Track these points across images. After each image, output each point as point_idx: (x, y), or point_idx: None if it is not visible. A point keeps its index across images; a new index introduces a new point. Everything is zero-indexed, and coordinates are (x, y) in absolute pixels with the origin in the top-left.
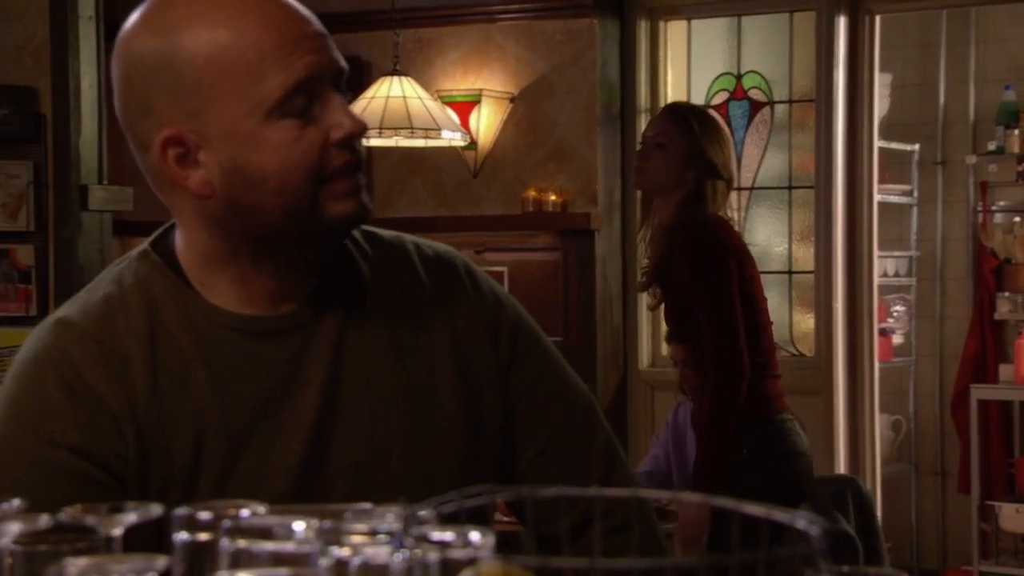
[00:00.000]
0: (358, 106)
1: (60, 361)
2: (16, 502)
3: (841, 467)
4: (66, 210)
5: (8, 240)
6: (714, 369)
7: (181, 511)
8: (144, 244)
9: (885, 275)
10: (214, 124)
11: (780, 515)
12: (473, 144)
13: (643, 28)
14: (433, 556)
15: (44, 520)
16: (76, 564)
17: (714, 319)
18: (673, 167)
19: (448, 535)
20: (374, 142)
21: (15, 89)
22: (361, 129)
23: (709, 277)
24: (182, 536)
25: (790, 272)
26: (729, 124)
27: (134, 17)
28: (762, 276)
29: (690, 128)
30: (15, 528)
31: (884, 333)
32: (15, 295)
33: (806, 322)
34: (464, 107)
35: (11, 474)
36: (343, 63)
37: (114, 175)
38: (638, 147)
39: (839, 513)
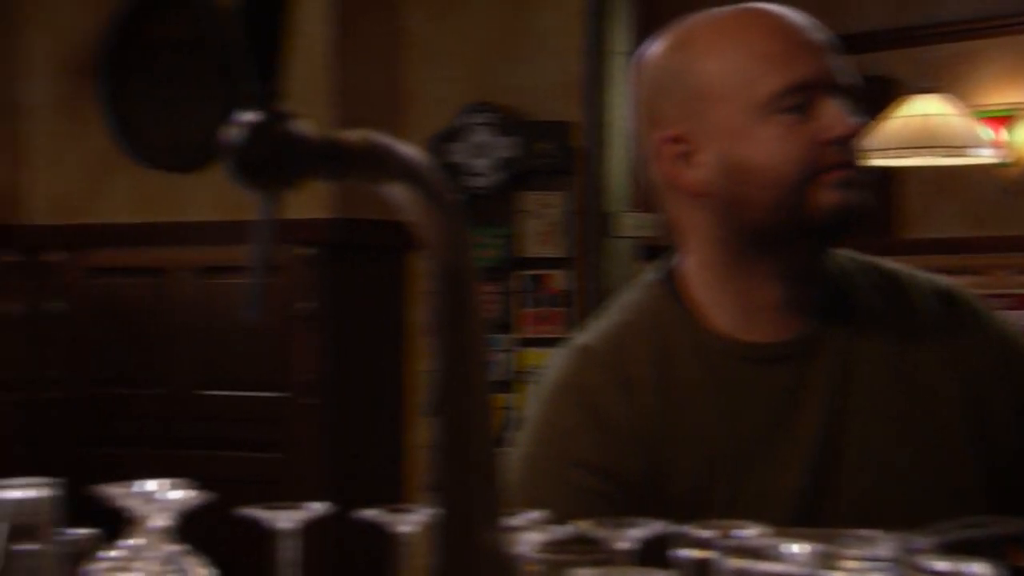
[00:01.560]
0: (884, 125)
1: (579, 386)
2: (536, 514)
3: None
4: (595, 237)
5: (543, 266)
6: None
7: (683, 529)
8: (652, 273)
9: None
10: (712, 122)
11: None
12: (1010, 161)
13: None
14: None
15: (561, 532)
16: (583, 574)
17: None
18: None
19: (946, 565)
20: (901, 161)
21: (552, 124)
22: (854, 131)
23: None
24: (684, 553)
25: None
26: None
27: (655, 41)
28: None
29: None
30: (537, 538)
31: None
32: (551, 318)
33: None
34: (1000, 123)
35: (537, 490)
36: (846, 75)
37: (642, 203)
38: None
39: None
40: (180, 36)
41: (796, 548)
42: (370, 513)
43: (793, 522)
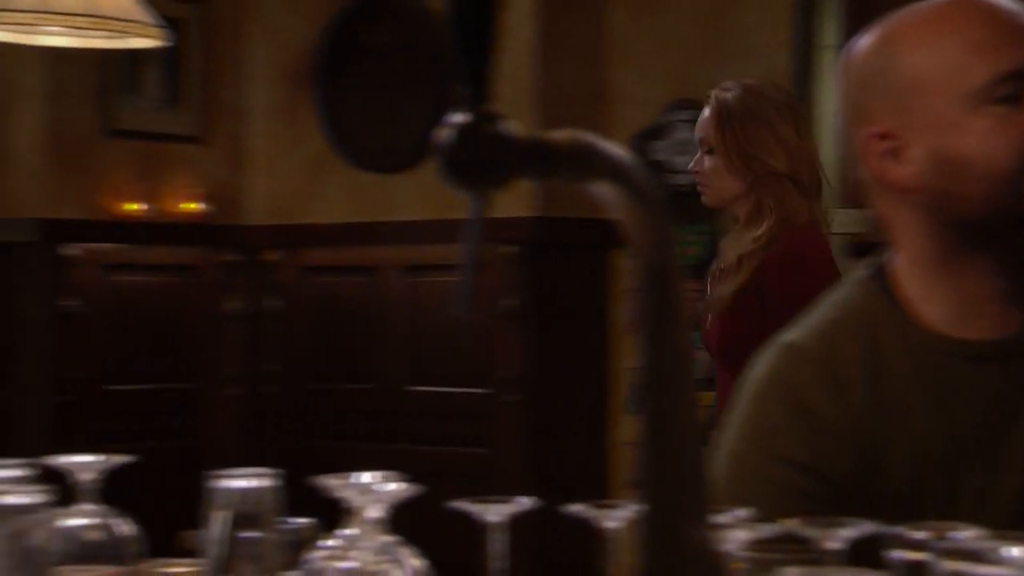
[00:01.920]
0: None
1: (787, 383)
2: (743, 512)
3: None
4: None
5: None
6: None
7: (896, 530)
8: (862, 269)
9: None
10: (921, 116)
11: None
12: None
13: None
14: None
15: (768, 530)
16: (791, 572)
17: None
18: (726, 174)
19: None
20: None
21: None
22: None
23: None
24: (897, 555)
25: None
26: None
27: (861, 37)
28: None
29: (728, 122)
30: (743, 536)
31: None
32: None
33: None
34: None
35: (742, 487)
36: None
37: (851, 200)
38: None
39: None
40: (392, 41)
41: (1016, 551)
42: (576, 508)
43: (1011, 525)
